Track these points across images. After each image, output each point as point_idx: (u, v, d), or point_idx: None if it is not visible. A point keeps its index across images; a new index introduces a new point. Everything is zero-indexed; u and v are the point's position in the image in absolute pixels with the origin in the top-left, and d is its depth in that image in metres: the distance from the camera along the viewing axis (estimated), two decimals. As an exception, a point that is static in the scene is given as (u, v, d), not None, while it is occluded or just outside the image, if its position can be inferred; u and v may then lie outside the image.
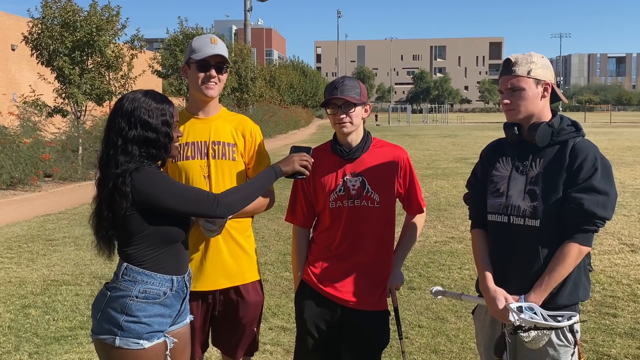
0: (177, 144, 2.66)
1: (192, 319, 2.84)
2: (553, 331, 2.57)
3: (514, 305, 2.54)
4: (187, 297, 2.72)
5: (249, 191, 2.71)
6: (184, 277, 2.67)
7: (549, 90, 2.67)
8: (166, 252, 2.58)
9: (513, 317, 2.52)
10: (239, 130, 3.16)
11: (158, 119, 2.54)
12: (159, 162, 2.65)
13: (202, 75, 3.03)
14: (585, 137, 2.67)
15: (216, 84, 3.07)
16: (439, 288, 3.03)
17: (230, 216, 2.89)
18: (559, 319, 2.55)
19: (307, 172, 2.90)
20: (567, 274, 2.58)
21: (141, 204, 2.47)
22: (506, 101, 2.66)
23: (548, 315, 2.54)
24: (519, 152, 2.71)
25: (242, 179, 3.14)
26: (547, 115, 2.68)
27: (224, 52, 3.08)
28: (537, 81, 2.63)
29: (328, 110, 3.00)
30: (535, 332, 2.52)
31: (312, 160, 2.91)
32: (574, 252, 2.55)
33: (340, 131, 3.00)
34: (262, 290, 3.27)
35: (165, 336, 2.58)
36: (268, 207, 3.18)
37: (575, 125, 2.68)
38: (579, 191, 2.53)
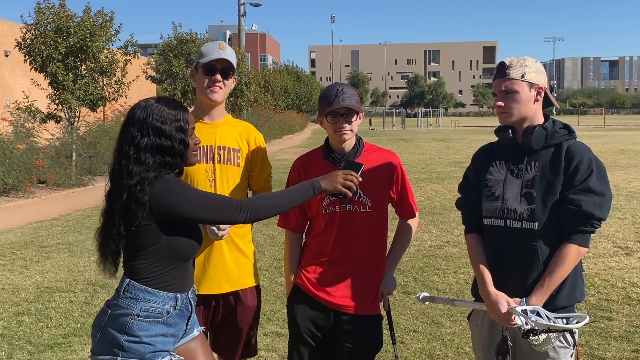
0: (195, 151, 2.56)
1: (203, 329, 2.76)
2: (561, 333, 2.57)
3: (519, 308, 2.52)
4: (192, 315, 2.64)
5: (279, 200, 2.55)
6: (187, 294, 2.57)
7: (542, 95, 2.69)
8: (173, 270, 2.48)
9: (521, 321, 2.50)
10: (243, 137, 3.21)
11: (172, 125, 2.43)
12: (176, 171, 2.55)
13: (207, 79, 3.08)
14: (577, 140, 2.69)
15: (221, 88, 3.11)
16: (426, 294, 3.02)
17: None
18: (569, 320, 2.55)
19: (350, 194, 2.68)
20: (566, 275, 2.59)
21: (160, 214, 2.38)
22: (500, 103, 2.67)
23: (555, 317, 2.53)
24: (512, 155, 2.72)
25: (245, 185, 3.20)
26: (539, 119, 2.70)
27: (232, 58, 3.13)
28: (531, 85, 2.65)
29: (328, 118, 2.96)
30: (546, 334, 2.51)
31: (360, 179, 2.71)
32: (573, 253, 2.57)
33: (340, 139, 2.98)
34: (259, 295, 3.30)
35: (170, 354, 2.47)
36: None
37: (567, 128, 2.70)
38: (577, 193, 2.55)
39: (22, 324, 5.70)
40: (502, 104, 2.66)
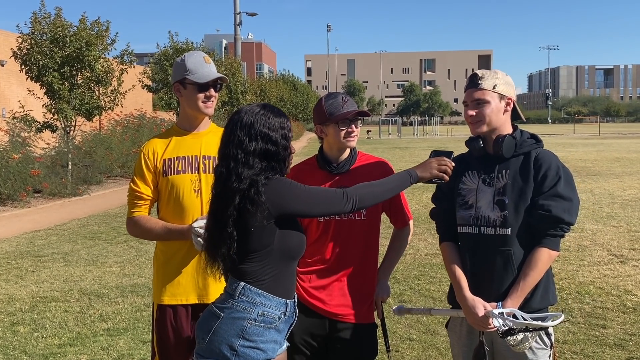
0: (291, 160, 2.58)
1: (288, 344, 2.75)
2: (538, 333, 2.63)
3: (496, 311, 2.60)
4: (294, 324, 2.64)
5: (380, 190, 2.58)
6: (294, 301, 2.59)
7: (511, 106, 2.80)
8: (283, 271, 2.49)
9: (498, 322, 2.57)
10: None
11: (278, 132, 2.48)
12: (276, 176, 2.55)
13: (202, 95, 3.10)
14: (544, 148, 2.79)
15: (213, 102, 3.16)
16: (402, 306, 3.08)
17: None
18: (545, 319, 2.61)
19: (446, 178, 2.71)
20: (539, 278, 2.68)
21: (276, 215, 2.41)
22: (472, 113, 2.76)
23: (531, 317, 2.60)
24: (484, 165, 2.80)
25: None
26: (508, 129, 2.80)
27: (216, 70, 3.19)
28: (501, 96, 2.76)
29: (339, 125, 2.95)
30: (524, 334, 2.57)
31: (453, 164, 2.74)
32: (545, 257, 2.66)
33: (349, 144, 3.00)
34: None
35: None
36: None
37: (534, 137, 2.81)
38: (546, 198, 2.65)
39: (18, 334, 5.68)
40: (474, 114, 2.75)
